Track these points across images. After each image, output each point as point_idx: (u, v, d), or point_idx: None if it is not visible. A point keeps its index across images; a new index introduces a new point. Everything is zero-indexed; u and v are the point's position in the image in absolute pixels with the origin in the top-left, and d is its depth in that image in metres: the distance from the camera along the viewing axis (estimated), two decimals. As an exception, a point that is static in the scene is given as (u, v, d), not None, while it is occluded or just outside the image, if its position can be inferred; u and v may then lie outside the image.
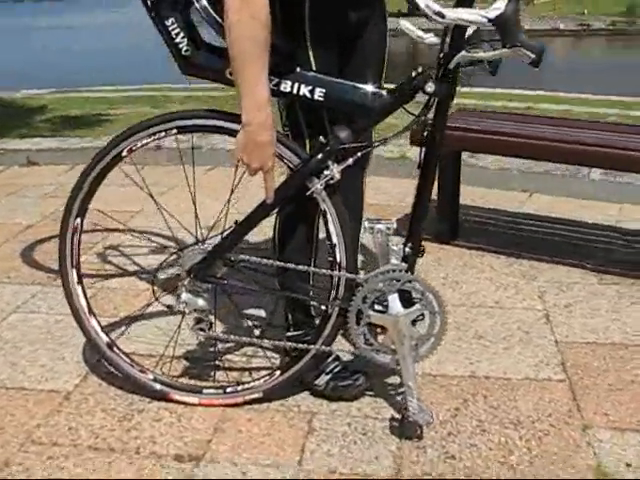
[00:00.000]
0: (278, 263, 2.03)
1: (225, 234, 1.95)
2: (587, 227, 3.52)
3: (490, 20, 1.61)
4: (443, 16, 1.64)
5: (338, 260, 1.93)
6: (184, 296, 1.97)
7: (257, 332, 2.52)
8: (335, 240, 1.92)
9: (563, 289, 2.88)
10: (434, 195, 3.30)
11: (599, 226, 3.53)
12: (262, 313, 2.69)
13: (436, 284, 2.89)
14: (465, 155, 4.61)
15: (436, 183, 3.22)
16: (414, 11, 1.73)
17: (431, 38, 1.83)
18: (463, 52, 1.75)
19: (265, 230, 2.16)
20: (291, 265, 1.98)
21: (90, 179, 2.02)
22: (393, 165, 4.34)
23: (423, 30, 1.86)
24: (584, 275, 3.00)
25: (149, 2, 1.87)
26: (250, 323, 2.58)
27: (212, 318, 2.02)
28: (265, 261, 1.99)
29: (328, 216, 1.92)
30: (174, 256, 2.07)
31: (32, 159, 4.75)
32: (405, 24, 1.84)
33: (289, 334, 2.23)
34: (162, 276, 2.57)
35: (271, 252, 2.18)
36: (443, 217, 3.36)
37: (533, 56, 1.60)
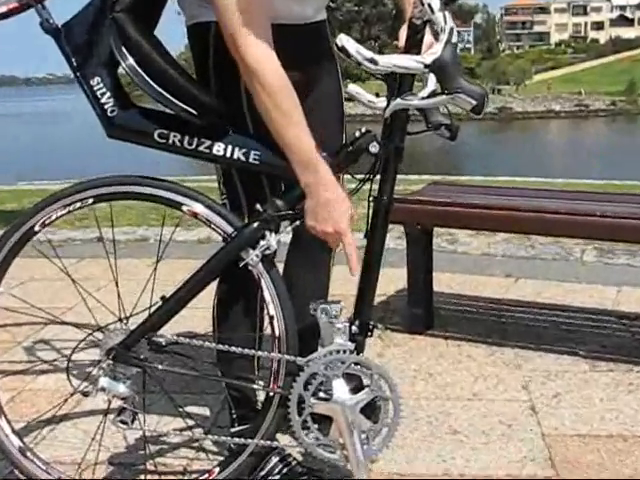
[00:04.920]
0: (212, 345, 2.02)
1: (151, 311, 1.96)
2: (579, 312, 3.55)
3: (427, 65, 1.66)
4: (376, 63, 1.69)
5: (277, 335, 1.93)
6: (102, 380, 1.94)
7: (192, 424, 2.51)
8: (273, 311, 1.93)
9: (551, 378, 2.89)
10: (404, 281, 3.44)
11: (592, 310, 3.57)
12: (201, 402, 2.68)
13: (406, 377, 2.91)
14: (442, 240, 4.74)
15: (406, 266, 3.37)
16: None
17: (382, 103, 1.89)
18: (398, 100, 1.80)
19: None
20: (228, 347, 1.97)
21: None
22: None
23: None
24: (575, 362, 3.02)
25: (74, 61, 1.93)
26: (186, 414, 2.56)
27: (138, 409, 1.99)
28: (197, 343, 1.99)
29: (263, 285, 1.93)
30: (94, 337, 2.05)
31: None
32: (354, 88, 1.91)
33: (233, 430, 2.21)
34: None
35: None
36: (415, 305, 3.39)
37: (474, 102, 1.64)
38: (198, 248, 4.61)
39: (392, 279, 3.72)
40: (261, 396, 2.14)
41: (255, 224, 1.92)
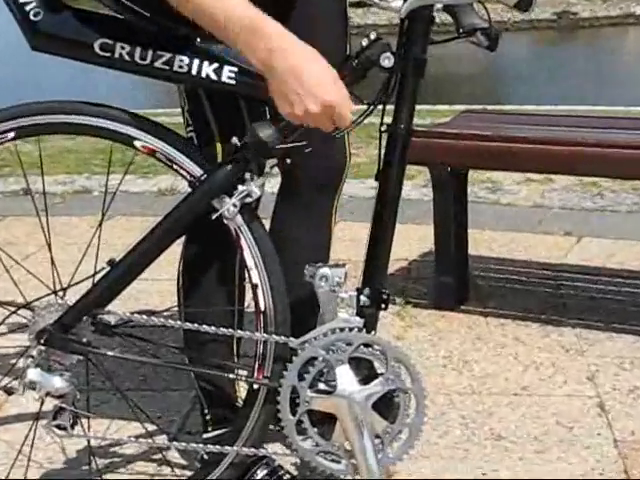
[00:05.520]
0: (178, 324, 2.01)
1: (96, 280, 1.95)
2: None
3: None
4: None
5: (262, 309, 1.93)
6: (31, 373, 1.93)
7: (153, 429, 2.50)
8: (256, 279, 1.93)
9: (625, 367, 2.92)
10: (431, 242, 3.45)
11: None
12: (164, 400, 2.73)
13: (434, 366, 2.94)
14: (480, 188, 4.74)
15: (433, 222, 3.37)
16: None
17: (399, 1, 1.87)
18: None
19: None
20: (198, 327, 1.96)
21: None
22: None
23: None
24: (658, 347, 3.05)
25: None
26: (144, 417, 2.51)
27: (80, 410, 2.00)
28: (158, 321, 1.99)
29: (243, 244, 1.92)
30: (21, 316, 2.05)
31: None
32: None
33: (207, 435, 2.25)
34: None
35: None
36: (445, 272, 3.41)
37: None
38: (159, 201, 4.58)
39: (415, 239, 3.80)
40: (242, 390, 2.16)
41: (231, 164, 1.90)
